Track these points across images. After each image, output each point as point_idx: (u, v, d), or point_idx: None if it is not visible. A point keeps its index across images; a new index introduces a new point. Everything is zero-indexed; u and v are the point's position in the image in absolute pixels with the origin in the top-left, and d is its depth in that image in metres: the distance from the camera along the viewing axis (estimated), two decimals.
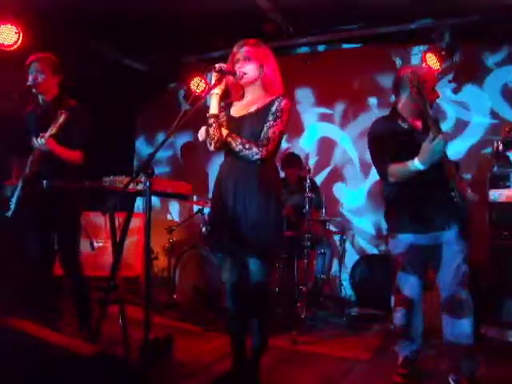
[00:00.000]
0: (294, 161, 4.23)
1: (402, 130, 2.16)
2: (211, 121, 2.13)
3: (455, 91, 4.28)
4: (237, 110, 2.23)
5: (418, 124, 2.30)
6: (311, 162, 4.88)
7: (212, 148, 2.16)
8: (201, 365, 2.62)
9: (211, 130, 2.13)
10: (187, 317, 3.59)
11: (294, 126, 4.92)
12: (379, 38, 4.33)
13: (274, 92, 2.16)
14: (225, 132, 2.13)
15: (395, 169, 2.15)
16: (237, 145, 2.08)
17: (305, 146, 5.00)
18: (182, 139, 5.67)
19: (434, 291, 2.47)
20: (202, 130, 2.18)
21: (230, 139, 2.10)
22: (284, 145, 4.90)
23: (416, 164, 2.03)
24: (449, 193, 2.17)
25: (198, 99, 2.07)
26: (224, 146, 2.15)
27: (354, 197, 4.75)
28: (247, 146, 2.06)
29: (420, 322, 2.40)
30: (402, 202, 2.30)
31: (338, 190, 4.84)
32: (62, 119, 2.50)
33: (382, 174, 2.24)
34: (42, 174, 2.64)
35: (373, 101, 4.68)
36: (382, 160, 2.22)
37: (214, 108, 2.14)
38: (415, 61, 4.34)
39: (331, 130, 4.91)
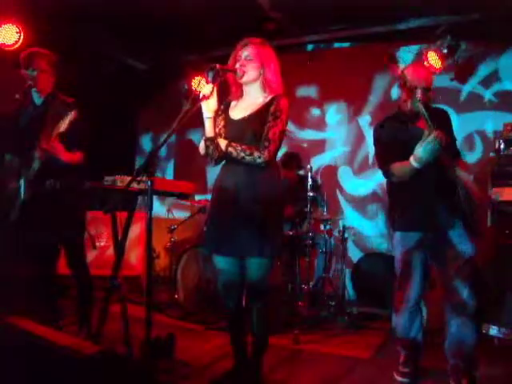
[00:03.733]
0: (293, 161, 4.21)
1: (406, 130, 2.17)
2: (208, 143, 2.14)
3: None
4: (236, 113, 2.22)
5: (422, 124, 2.30)
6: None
7: (213, 165, 2.21)
8: (202, 364, 2.63)
9: (209, 151, 2.15)
10: (188, 315, 3.60)
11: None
12: (381, 37, 4.32)
13: (272, 93, 2.15)
14: (223, 143, 2.11)
15: (396, 168, 2.20)
16: (238, 153, 2.07)
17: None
18: (184, 138, 5.67)
19: (437, 290, 2.46)
20: (202, 144, 2.19)
21: (230, 149, 2.09)
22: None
23: (412, 163, 2.07)
24: (451, 192, 2.16)
25: (198, 99, 2.07)
26: (225, 157, 2.15)
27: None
28: (248, 152, 2.05)
29: (421, 321, 2.40)
30: (404, 201, 2.32)
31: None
32: (71, 117, 2.44)
33: (385, 173, 2.30)
34: (44, 174, 2.63)
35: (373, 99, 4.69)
36: (386, 159, 2.27)
37: (209, 131, 2.14)
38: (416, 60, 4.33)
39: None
